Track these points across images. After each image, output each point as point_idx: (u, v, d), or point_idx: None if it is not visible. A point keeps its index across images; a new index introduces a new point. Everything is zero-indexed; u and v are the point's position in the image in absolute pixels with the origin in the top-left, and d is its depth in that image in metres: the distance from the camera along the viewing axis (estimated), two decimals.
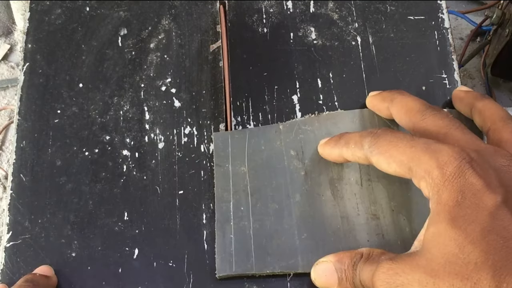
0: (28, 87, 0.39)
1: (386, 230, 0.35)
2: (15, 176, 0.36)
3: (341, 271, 0.32)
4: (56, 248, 0.35)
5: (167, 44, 0.40)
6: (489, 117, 0.35)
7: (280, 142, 0.37)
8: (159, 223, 0.36)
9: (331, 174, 0.36)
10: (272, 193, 0.36)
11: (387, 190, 0.36)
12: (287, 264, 0.34)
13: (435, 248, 0.28)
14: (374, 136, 0.32)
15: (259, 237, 0.35)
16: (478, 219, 0.27)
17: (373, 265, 0.30)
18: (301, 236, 0.35)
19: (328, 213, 0.35)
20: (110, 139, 0.38)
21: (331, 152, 0.36)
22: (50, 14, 0.41)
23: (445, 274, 0.27)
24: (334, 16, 0.42)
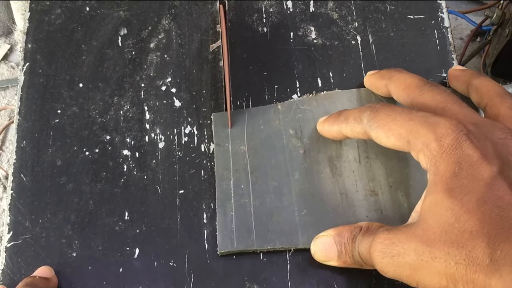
0: (28, 87, 0.39)
1: (384, 206, 0.36)
2: (15, 176, 0.36)
3: (340, 244, 0.33)
4: (56, 248, 0.35)
5: (167, 43, 0.40)
6: (486, 93, 0.35)
7: (279, 121, 0.38)
8: (160, 223, 0.36)
9: (330, 152, 0.37)
10: (272, 171, 0.36)
11: (385, 167, 0.37)
12: (288, 240, 0.35)
13: (431, 218, 0.29)
14: (373, 111, 0.33)
15: (259, 214, 0.35)
16: (474, 190, 0.28)
17: (371, 237, 0.31)
18: (301, 212, 0.35)
19: (327, 190, 0.36)
20: (110, 139, 0.38)
21: (330, 129, 0.36)
22: (50, 14, 0.41)
23: (441, 243, 0.28)
24: (334, 16, 0.42)
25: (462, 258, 0.27)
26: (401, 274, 0.29)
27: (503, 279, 0.25)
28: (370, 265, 0.31)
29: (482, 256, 0.26)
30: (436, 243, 0.28)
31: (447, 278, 0.27)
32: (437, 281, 0.28)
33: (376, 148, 0.36)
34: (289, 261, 0.35)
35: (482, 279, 0.26)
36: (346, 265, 0.33)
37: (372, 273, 0.35)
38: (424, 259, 0.28)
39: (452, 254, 0.27)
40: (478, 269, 0.26)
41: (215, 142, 0.37)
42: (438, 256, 0.28)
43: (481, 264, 0.26)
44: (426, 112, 0.31)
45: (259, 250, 0.35)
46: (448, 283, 0.28)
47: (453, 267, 0.27)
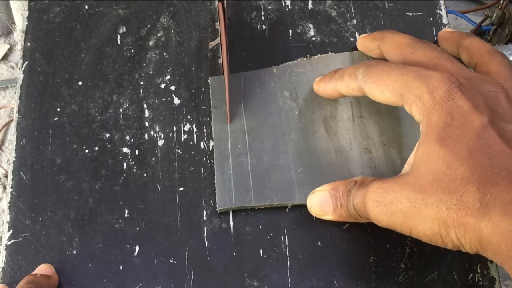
0: (27, 85, 0.39)
1: (378, 162, 0.37)
2: (15, 174, 0.37)
3: (336, 198, 0.33)
4: (57, 246, 0.35)
5: (166, 41, 0.40)
6: (476, 52, 0.35)
7: (274, 84, 0.39)
8: (160, 220, 0.36)
9: (324, 113, 0.38)
10: (268, 131, 0.37)
11: (378, 125, 0.38)
12: (285, 196, 0.36)
13: (423, 167, 0.30)
14: (367, 67, 0.33)
15: (257, 172, 0.36)
16: (465, 139, 0.29)
17: (365, 189, 0.31)
18: (297, 170, 0.36)
19: (323, 148, 0.37)
20: (110, 137, 0.38)
21: (326, 86, 0.37)
22: (49, 13, 0.41)
23: (433, 190, 0.28)
24: (333, 13, 0.42)
25: (453, 203, 0.28)
26: (394, 222, 0.30)
27: (492, 221, 0.26)
28: (365, 217, 0.32)
29: (473, 201, 0.27)
30: (428, 190, 0.29)
31: (439, 223, 0.28)
32: (430, 227, 0.29)
33: (369, 108, 0.38)
34: (289, 258, 0.35)
35: (473, 222, 0.27)
36: (341, 219, 0.34)
37: (372, 270, 0.35)
38: (417, 206, 0.29)
39: (444, 200, 0.28)
40: (469, 213, 0.27)
41: (213, 104, 0.38)
42: (430, 202, 0.28)
43: (472, 208, 0.27)
44: (419, 67, 0.32)
45: (257, 206, 0.35)
46: (440, 228, 0.28)
47: (445, 212, 0.28)
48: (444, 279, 0.35)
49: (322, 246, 0.35)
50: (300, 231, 0.36)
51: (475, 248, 0.28)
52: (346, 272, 0.35)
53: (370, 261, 0.35)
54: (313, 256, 0.35)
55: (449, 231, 0.28)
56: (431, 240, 0.29)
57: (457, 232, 0.28)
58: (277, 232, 0.36)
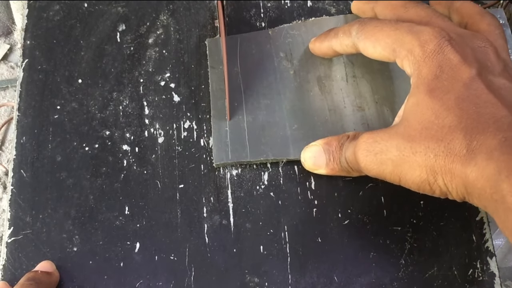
0: (27, 83, 0.39)
1: (371, 120, 0.38)
2: (15, 172, 0.37)
3: (328, 152, 0.34)
4: (57, 243, 0.35)
5: (166, 39, 0.41)
6: (467, 13, 0.36)
7: (270, 45, 0.40)
8: (160, 217, 0.36)
9: (318, 73, 0.39)
10: (263, 91, 0.38)
11: (371, 85, 0.39)
12: (279, 151, 0.37)
13: (413, 117, 0.30)
14: (361, 23, 0.34)
15: (252, 129, 0.37)
16: (453, 89, 0.30)
17: (356, 140, 0.32)
18: (292, 127, 0.37)
19: (317, 106, 0.38)
20: (110, 134, 0.38)
21: (321, 45, 0.38)
22: (48, 11, 0.41)
23: (421, 138, 0.29)
24: (332, 10, 0.42)
25: (441, 150, 0.28)
26: (384, 171, 0.31)
27: (478, 166, 0.27)
28: (356, 169, 0.33)
29: (460, 147, 0.28)
30: (416, 138, 0.30)
31: (427, 170, 0.29)
32: (418, 174, 0.29)
33: (362, 67, 0.39)
34: (289, 254, 0.35)
35: (459, 168, 0.28)
36: (333, 173, 0.35)
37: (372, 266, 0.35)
38: (406, 154, 0.30)
39: (432, 148, 0.29)
40: (456, 159, 0.28)
41: (210, 65, 0.39)
42: (419, 150, 0.29)
43: (459, 154, 0.28)
44: (411, 23, 0.33)
45: (253, 161, 0.36)
46: (428, 175, 0.29)
47: (433, 159, 0.29)
48: (444, 275, 0.35)
49: (322, 242, 0.35)
50: (300, 227, 0.36)
51: (461, 194, 0.29)
52: (346, 268, 0.35)
53: (370, 257, 0.35)
54: (313, 252, 0.35)
55: (437, 178, 0.29)
56: (419, 187, 0.30)
57: (444, 179, 0.29)
58: (277, 228, 0.36)
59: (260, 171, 0.37)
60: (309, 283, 0.34)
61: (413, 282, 0.35)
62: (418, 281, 0.35)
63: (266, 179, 0.37)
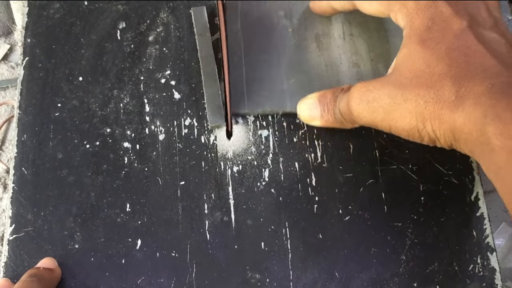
0: (28, 81, 0.39)
1: (366, 75, 0.39)
2: (16, 170, 0.37)
3: (323, 104, 0.35)
4: (59, 240, 0.35)
5: (166, 37, 0.41)
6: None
7: (270, 4, 0.41)
8: (161, 214, 0.36)
9: (316, 30, 0.40)
10: (263, 47, 0.40)
11: (367, 43, 0.40)
12: (277, 104, 0.38)
13: (404, 66, 0.31)
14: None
15: (251, 82, 0.38)
16: (444, 40, 0.30)
17: (350, 91, 0.33)
18: (289, 81, 0.39)
19: (314, 62, 0.39)
20: (110, 132, 0.38)
21: (321, 3, 0.39)
22: (49, 9, 0.41)
23: (412, 86, 0.30)
24: None
25: (430, 97, 0.29)
26: (375, 119, 0.32)
27: (465, 111, 0.28)
28: (349, 119, 0.34)
29: (449, 94, 0.29)
30: (407, 86, 0.30)
31: (417, 117, 0.30)
32: (408, 121, 0.30)
33: (359, 27, 0.40)
34: (290, 250, 0.35)
35: (448, 114, 0.29)
36: (328, 124, 0.36)
37: (373, 261, 0.35)
38: (397, 102, 0.30)
39: (422, 95, 0.30)
40: (445, 105, 0.29)
41: (196, 32, 0.39)
42: (409, 98, 0.30)
43: (447, 100, 0.29)
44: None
45: (251, 113, 0.38)
46: (417, 121, 0.30)
47: (422, 106, 0.30)
48: (445, 270, 0.35)
49: (323, 239, 0.36)
50: (301, 223, 0.36)
51: (449, 141, 0.30)
52: (347, 264, 0.35)
53: (371, 252, 0.35)
54: (314, 248, 0.35)
55: (426, 124, 0.30)
56: (409, 134, 0.31)
57: (433, 125, 0.30)
58: (278, 225, 0.36)
59: (261, 168, 0.37)
60: (310, 279, 0.35)
61: (414, 278, 0.35)
62: (419, 277, 0.35)
63: (267, 175, 0.37)
